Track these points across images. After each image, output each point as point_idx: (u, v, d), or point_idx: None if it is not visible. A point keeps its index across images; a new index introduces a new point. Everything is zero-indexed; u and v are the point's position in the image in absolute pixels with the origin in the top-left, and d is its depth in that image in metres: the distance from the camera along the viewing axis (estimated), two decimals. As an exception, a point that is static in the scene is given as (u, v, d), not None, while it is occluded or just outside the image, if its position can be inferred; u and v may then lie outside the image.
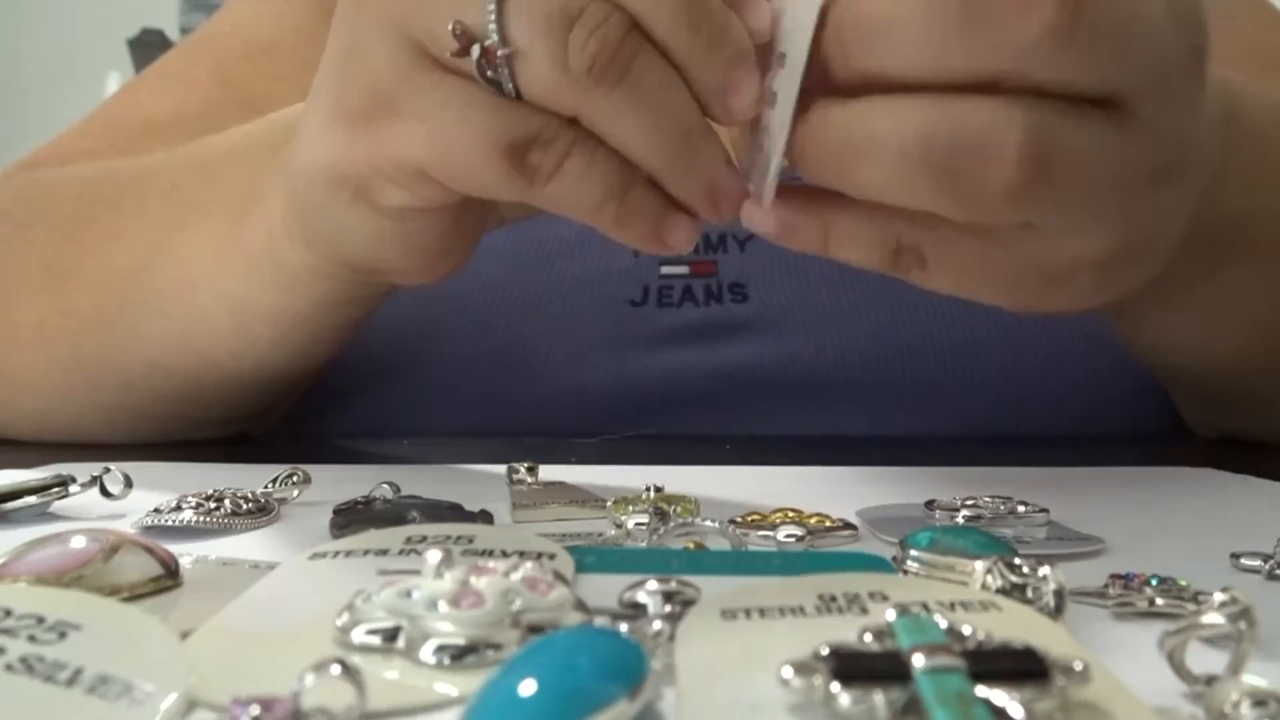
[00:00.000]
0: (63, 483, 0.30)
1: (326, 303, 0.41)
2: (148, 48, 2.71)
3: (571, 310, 0.53)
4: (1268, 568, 0.25)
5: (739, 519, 0.28)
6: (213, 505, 0.29)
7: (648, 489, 0.31)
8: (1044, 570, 0.20)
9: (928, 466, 0.40)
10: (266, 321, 0.42)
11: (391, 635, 0.18)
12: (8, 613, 0.17)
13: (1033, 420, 0.52)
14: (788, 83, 0.28)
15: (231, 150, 0.43)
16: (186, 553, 0.24)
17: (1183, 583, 0.22)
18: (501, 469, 0.35)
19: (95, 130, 0.57)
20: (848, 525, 0.28)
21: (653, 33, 0.27)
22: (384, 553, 0.23)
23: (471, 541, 0.24)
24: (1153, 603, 0.22)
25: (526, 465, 0.35)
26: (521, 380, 0.52)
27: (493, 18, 0.27)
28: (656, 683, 0.16)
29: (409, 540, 0.24)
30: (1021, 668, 0.15)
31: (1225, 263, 0.40)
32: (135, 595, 0.21)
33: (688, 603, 0.19)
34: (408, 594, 0.18)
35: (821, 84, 0.28)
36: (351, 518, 0.28)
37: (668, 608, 0.19)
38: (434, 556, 0.19)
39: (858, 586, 0.19)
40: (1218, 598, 0.18)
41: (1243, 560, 0.25)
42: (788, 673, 0.15)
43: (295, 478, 0.32)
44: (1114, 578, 0.22)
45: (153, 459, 0.39)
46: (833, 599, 0.19)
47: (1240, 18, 0.57)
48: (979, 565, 0.21)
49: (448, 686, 0.17)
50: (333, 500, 0.29)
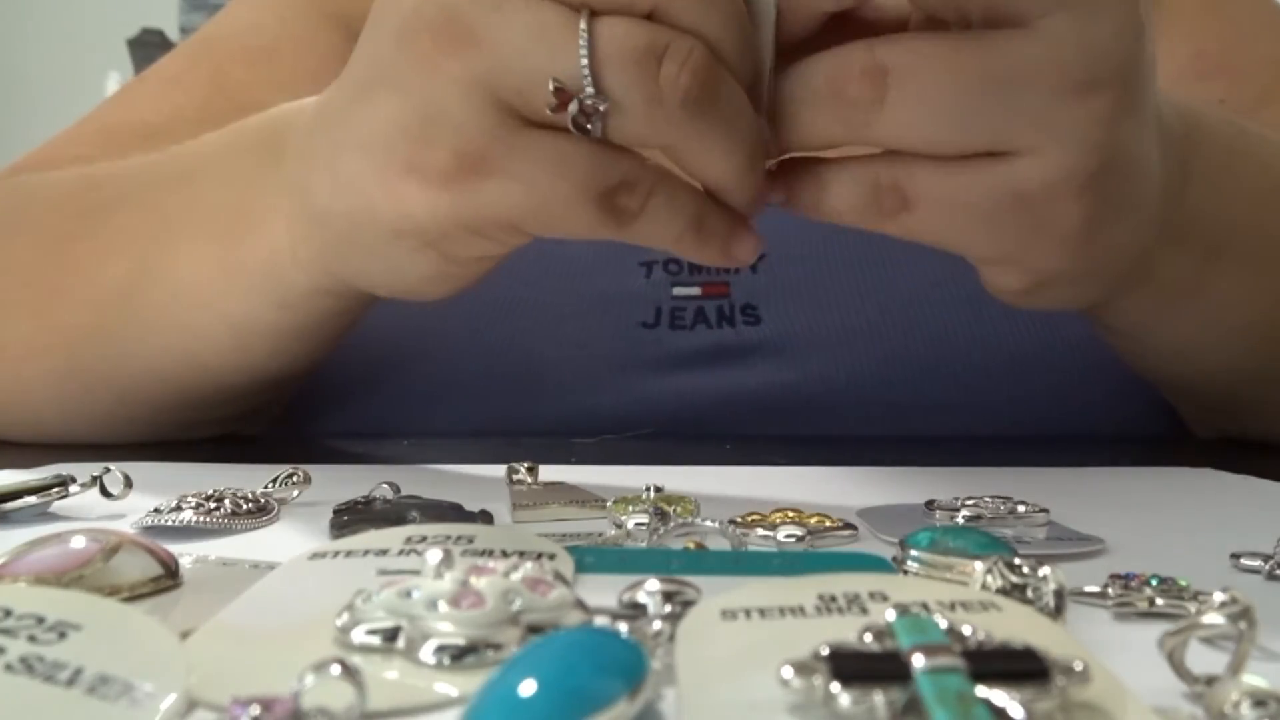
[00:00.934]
0: (63, 483, 0.30)
1: (328, 316, 0.41)
2: (148, 48, 2.71)
3: (583, 331, 0.53)
4: (1268, 568, 0.25)
5: (739, 519, 0.28)
6: (213, 505, 0.29)
7: (648, 489, 0.31)
8: (1044, 570, 0.20)
9: (928, 466, 0.40)
10: (267, 336, 0.42)
11: (391, 635, 0.18)
12: (8, 613, 0.17)
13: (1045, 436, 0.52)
14: (763, 37, 0.30)
15: (213, 160, 0.43)
16: (186, 553, 0.24)
17: (1183, 583, 0.22)
18: (501, 469, 0.35)
19: (89, 135, 0.57)
20: (848, 525, 0.28)
21: (726, 58, 0.29)
22: (384, 553, 0.23)
23: (471, 541, 0.24)
24: (1153, 603, 0.22)
25: (526, 465, 0.35)
26: (531, 402, 0.52)
27: (586, 69, 0.28)
28: (656, 683, 0.16)
29: (409, 540, 0.24)
30: (1021, 668, 0.15)
31: (1212, 267, 0.40)
32: (135, 595, 0.21)
33: (688, 603, 0.19)
34: (408, 594, 0.18)
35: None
36: (351, 518, 0.28)
37: (668, 608, 0.19)
38: (434, 556, 0.19)
39: (858, 586, 0.19)
40: (1218, 598, 0.18)
41: (1243, 560, 0.25)
42: (788, 673, 0.15)
43: (295, 478, 0.32)
44: (1114, 578, 0.22)
45: (153, 459, 0.39)
46: (833, 599, 0.19)
47: (1252, 28, 0.58)
48: (979, 565, 0.21)
49: (448, 686, 0.17)
50: (333, 500, 0.29)
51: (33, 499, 0.30)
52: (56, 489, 0.30)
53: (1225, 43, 0.57)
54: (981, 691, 0.14)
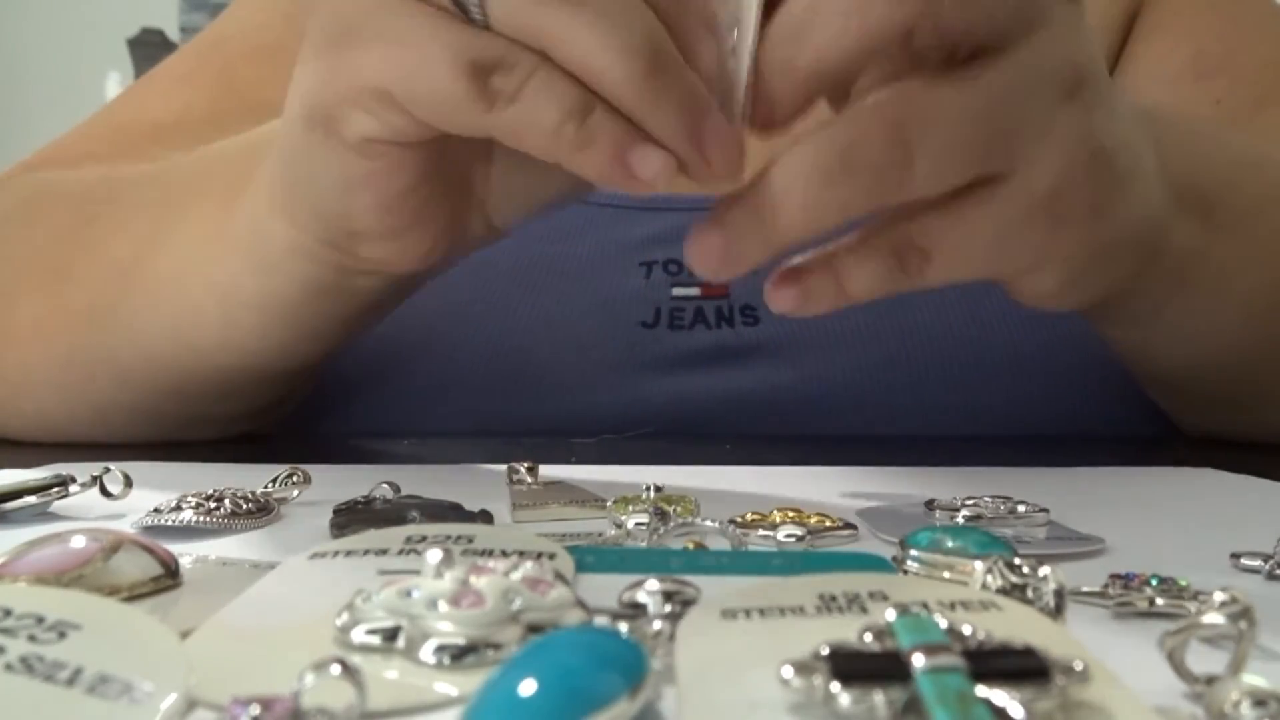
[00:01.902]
0: (63, 483, 0.30)
1: (311, 288, 0.39)
2: (148, 47, 2.71)
3: (582, 332, 0.53)
4: (1268, 568, 0.25)
5: (739, 519, 0.28)
6: (213, 505, 0.29)
7: (648, 489, 0.31)
8: (1044, 570, 0.20)
9: (928, 466, 0.40)
10: (251, 306, 0.41)
11: (391, 635, 0.18)
12: (8, 613, 0.17)
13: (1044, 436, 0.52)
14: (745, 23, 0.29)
15: (229, 147, 0.44)
16: (186, 553, 0.24)
17: (1183, 583, 0.22)
18: (501, 469, 0.35)
19: (99, 132, 0.57)
20: (848, 525, 0.28)
21: None
22: (384, 553, 0.23)
23: (471, 541, 0.24)
24: (1153, 603, 0.22)
25: (526, 465, 0.35)
26: (531, 402, 0.52)
27: None
28: (656, 682, 0.16)
29: (409, 540, 0.24)
30: (1021, 668, 0.15)
31: (1207, 237, 0.40)
32: (135, 595, 0.21)
33: (688, 603, 0.19)
34: (408, 594, 0.18)
35: None
36: (351, 518, 0.28)
37: (668, 608, 0.19)
38: (434, 556, 0.19)
39: (858, 586, 0.19)
40: (1218, 598, 0.18)
41: (1243, 560, 0.25)
42: (788, 673, 0.15)
43: (295, 478, 0.32)
44: (1114, 578, 0.22)
45: (153, 459, 0.39)
46: (833, 599, 0.19)
47: (1253, 30, 0.58)
48: (979, 565, 0.21)
49: (448, 686, 0.17)
50: (333, 500, 0.29)
51: (33, 499, 0.30)
52: (56, 489, 0.30)
53: (1226, 44, 0.57)
54: (981, 691, 0.14)
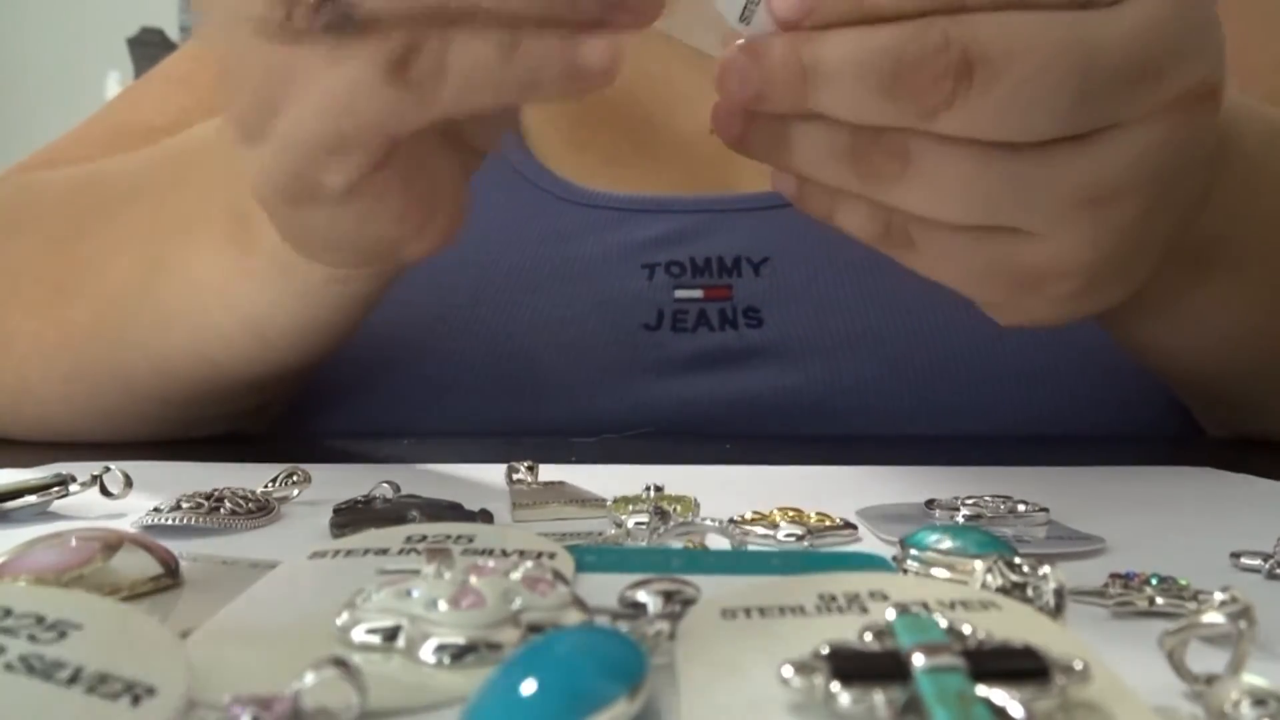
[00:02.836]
0: (63, 482, 0.30)
1: (349, 303, 0.40)
2: (148, 47, 2.71)
3: (585, 334, 0.53)
4: (1268, 567, 0.25)
5: (739, 519, 0.28)
6: (213, 505, 0.29)
7: (648, 489, 0.30)
8: (1044, 570, 0.20)
9: (928, 466, 0.40)
10: (287, 332, 0.42)
11: (391, 635, 0.18)
12: (8, 612, 0.17)
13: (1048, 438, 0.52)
14: None
15: (209, 156, 0.43)
16: (186, 552, 0.24)
17: (1183, 582, 0.22)
18: (501, 469, 0.35)
19: (96, 135, 0.57)
20: (848, 525, 0.28)
21: None
22: (384, 553, 0.23)
23: (471, 541, 0.24)
24: (1153, 602, 0.22)
25: (526, 465, 0.35)
26: (532, 404, 0.52)
27: None
28: (656, 682, 0.16)
29: (409, 540, 0.24)
30: (1021, 667, 0.15)
31: (1207, 276, 0.40)
32: (135, 595, 0.21)
33: (688, 603, 0.19)
34: (408, 594, 0.18)
35: None
36: (351, 518, 0.28)
37: (668, 608, 0.19)
38: (434, 557, 0.19)
39: (858, 586, 0.19)
40: (1218, 597, 0.18)
41: (1243, 560, 0.25)
42: (788, 672, 0.15)
43: (295, 478, 0.32)
44: (1114, 577, 0.22)
45: (153, 459, 0.39)
46: (833, 599, 0.19)
47: (1265, 28, 0.57)
48: (979, 565, 0.21)
49: (448, 686, 0.17)
50: (333, 500, 0.29)
51: (33, 498, 0.30)
52: (56, 488, 0.30)
53: (1236, 42, 0.57)
54: (981, 691, 0.14)
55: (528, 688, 0.15)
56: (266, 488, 0.31)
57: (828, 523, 0.28)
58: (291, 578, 0.22)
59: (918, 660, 0.15)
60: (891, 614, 0.17)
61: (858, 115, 0.30)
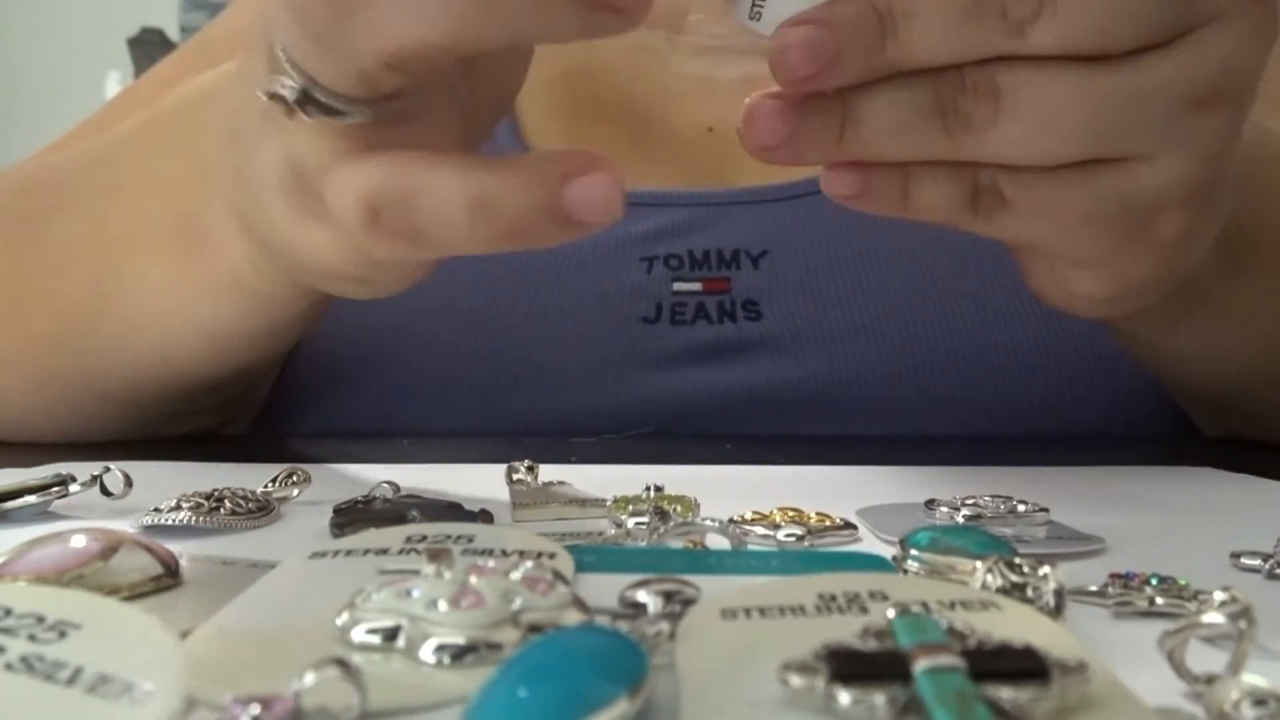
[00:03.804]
0: (63, 482, 0.30)
1: (312, 308, 0.41)
2: (148, 46, 2.72)
3: (584, 328, 0.53)
4: (1268, 567, 0.25)
5: (739, 519, 0.28)
6: (213, 505, 0.29)
7: (648, 489, 0.31)
8: (1044, 570, 0.20)
9: (928, 466, 0.40)
10: (246, 339, 0.42)
11: (391, 635, 0.18)
12: (8, 612, 0.17)
13: (1050, 433, 0.52)
14: None
15: (143, 163, 0.43)
16: (186, 552, 0.24)
17: (1183, 582, 0.22)
18: (501, 469, 0.35)
19: (90, 137, 0.57)
20: (848, 525, 0.28)
21: None
22: (384, 553, 0.23)
23: (471, 541, 0.24)
24: (1153, 602, 0.22)
25: (526, 465, 0.35)
26: (532, 398, 0.52)
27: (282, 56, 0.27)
28: (656, 683, 0.16)
29: (409, 540, 0.24)
30: (1021, 667, 0.15)
31: (1237, 273, 0.40)
32: (135, 595, 0.21)
33: (688, 603, 0.19)
34: (408, 594, 0.18)
35: None
36: (351, 517, 0.28)
37: (668, 608, 0.19)
38: (434, 558, 0.19)
39: (858, 586, 0.19)
40: (1218, 597, 0.18)
41: (1243, 560, 0.25)
42: (788, 673, 0.15)
43: (295, 477, 0.32)
44: (1114, 577, 0.22)
45: (153, 459, 0.39)
46: (833, 599, 0.19)
47: None
48: (979, 565, 0.21)
49: (448, 686, 0.17)
50: (333, 500, 0.29)
51: (33, 498, 0.30)
52: (56, 488, 0.30)
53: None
54: (981, 691, 0.14)
55: (528, 688, 0.15)
56: (266, 488, 0.31)
57: (828, 523, 0.28)
58: (291, 578, 0.22)
59: (918, 660, 0.15)
60: (891, 614, 0.17)
61: (943, 47, 0.28)
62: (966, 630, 0.16)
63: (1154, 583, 0.22)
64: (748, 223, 0.55)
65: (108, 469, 0.31)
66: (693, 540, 0.26)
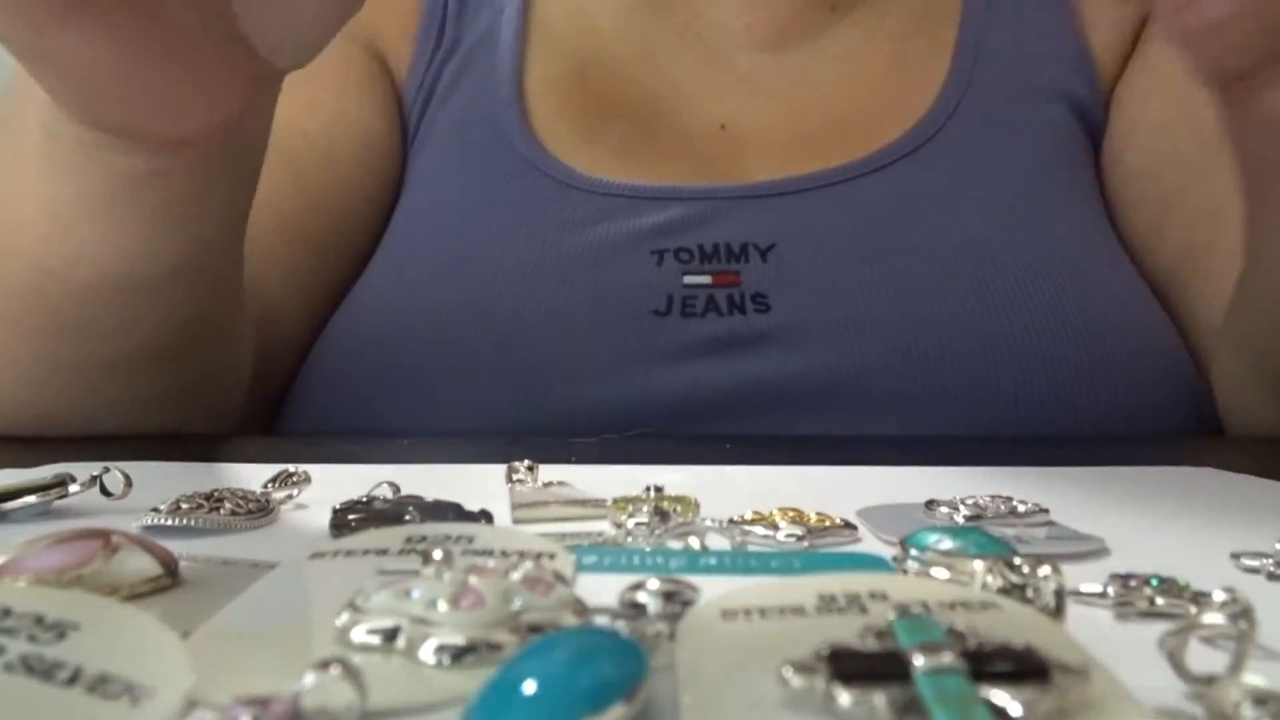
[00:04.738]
0: (62, 482, 0.30)
1: (120, 178, 0.38)
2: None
3: (595, 320, 0.53)
4: (1268, 568, 0.25)
5: (739, 519, 0.28)
6: (213, 505, 0.29)
7: (648, 489, 0.31)
8: (1044, 570, 0.20)
9: (928, 466, 0.40)
10: (77, 208, 0.39)
11: (391, 635, 0.18)
12: (7, 612, 0.17)
13: (1051, 428, 0.52)
14: None
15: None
16: (186, 553, 0.24)
17: (1183, 583, 0.22)
18: (501, 469, 0.35)
19: None
20: (848, 525, 0.28)
21: None
22: (384, 553, 0.23)
23: (471, 541, 0.24)
24: (1153, 603, 0.22)
25: (526, 465, 0.35)
26: (542, 393, 0.52)
27: None
28: (656, 683, 0.16)
29: (409, 540, 0.24)
30: (1021, 668, 0.15)
31: None
32: (135, 595, 0.21)
33: (688, 603, 0.19)
34: (407, 594, 0.18)
35: None
36: (351, 518, 0.28)
37: (668, 608, 0.19)
38: (434, 556, 0.19)
39: (858, 586, 0.19)
40: (1218, 597, 0.18)
41: (1243, 560, 0.25)
42: (788, 673, 0.15)
43: (295, 478, 0.32)
44: (1114, 577, 0.22)
45: (153, 459, 0.39)
46: (833, 599, 0.19)
47: None
48: (979, 565, 0.21)
49: (448, 686, 0.17)
50: (333, 500, 0.29)
51: (33, 499, 0.30)
52: (56, 489, 0.30)
53: None
54: (982, 691, 0.14)
55: (528, 688, 0.15)
56: (266, 488, 0.31)
57: (828, 523, 0.28)
58: (291, 578, 0.22)
59: (918, 661, 0.15)
60: (891, 614, 0.17)
61: None
62: (967, 631, 0.16)
63: (1154, 583, 0.22)
64: (757, 217, 0.55)
65: (107, 469, 0.31)
66: (693, 541, 0.26)
